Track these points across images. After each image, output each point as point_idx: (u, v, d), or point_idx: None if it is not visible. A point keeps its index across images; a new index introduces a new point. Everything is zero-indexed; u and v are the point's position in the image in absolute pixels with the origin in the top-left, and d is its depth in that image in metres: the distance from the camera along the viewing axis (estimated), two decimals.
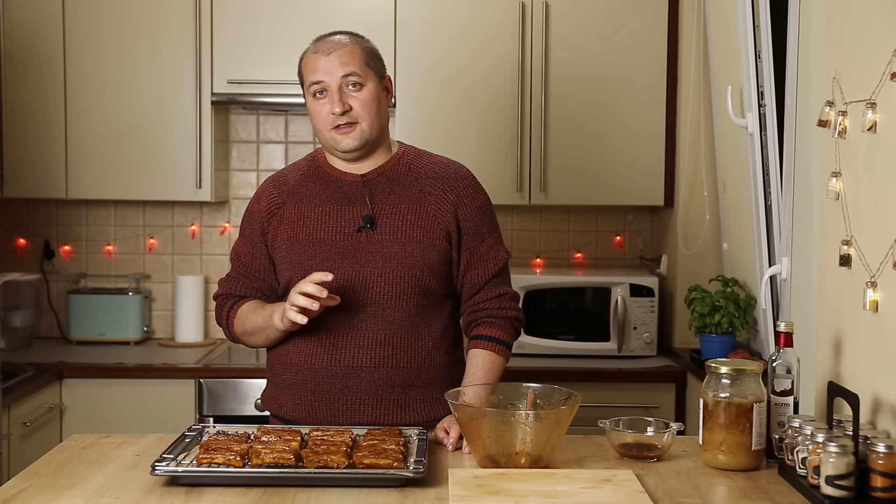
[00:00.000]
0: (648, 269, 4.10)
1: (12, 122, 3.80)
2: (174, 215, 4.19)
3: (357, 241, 2.33)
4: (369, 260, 2.32)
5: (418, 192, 2.37)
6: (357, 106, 2.32)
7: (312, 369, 2.33)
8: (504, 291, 2.42)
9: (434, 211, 2.35)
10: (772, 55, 2.88)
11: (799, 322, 2.26)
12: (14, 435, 3.20)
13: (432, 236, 2.34)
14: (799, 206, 2.61)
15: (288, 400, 2.37)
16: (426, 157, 2.45)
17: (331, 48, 2.33)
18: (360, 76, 2.32)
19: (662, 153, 3.87)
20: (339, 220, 2.35)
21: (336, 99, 2.31)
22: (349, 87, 2.32)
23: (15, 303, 3.90)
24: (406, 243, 2.33)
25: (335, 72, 2.31)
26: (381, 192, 2.37)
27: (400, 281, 2.32)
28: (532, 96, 3.83)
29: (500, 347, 2.38)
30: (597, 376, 3.61)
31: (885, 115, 1.90)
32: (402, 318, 2.33)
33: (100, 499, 1.83)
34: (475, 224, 2.39)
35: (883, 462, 1.74)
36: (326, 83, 2.32)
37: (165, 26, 3.80)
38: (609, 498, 1.81)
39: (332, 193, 2.38)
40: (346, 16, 3.80)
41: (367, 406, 2.31)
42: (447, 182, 2.39)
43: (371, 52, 2.38)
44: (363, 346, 2.31)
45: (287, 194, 2.41)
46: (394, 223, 2.34)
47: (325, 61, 2.32)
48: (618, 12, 3.82)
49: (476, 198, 2.41)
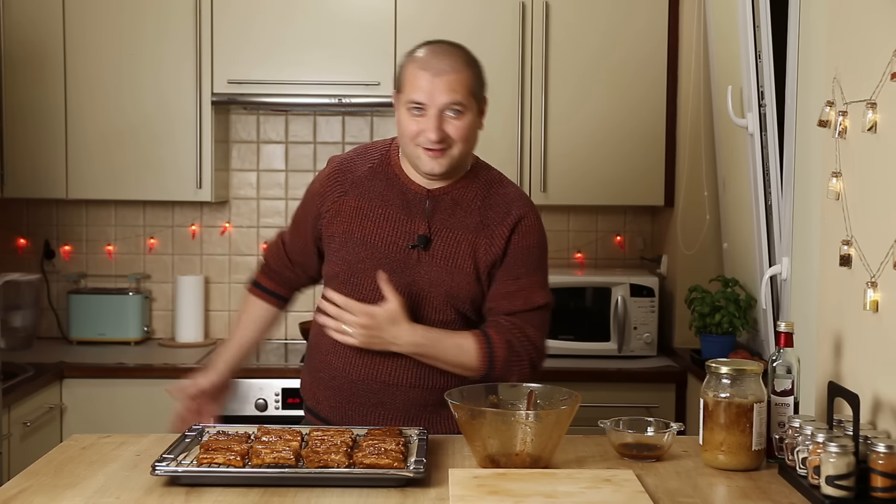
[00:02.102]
0: (649, 269, 4.10)
1: (12, 122, 3.80)
2: (174, 215, 4.19)
3: (408, 257, 2.29)
4: (417, 280, 2.28)
5: (478, 222, 2.30)
6: (453, 133, 2.21)
7: (349, 379, 2.33)
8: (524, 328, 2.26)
9: (487, 244, 2.29)
10: (772, 55, 2.88)
11: (799, 322, 2.26)
12: (14, 435, 3.20)
13: (479, 269, 2.29)
14: (799, 206, 2.61)
15: (325, 400, 2.38)
16: (497, 185, 2.35)
17: (441, 70, 2.20)
18: (463, 106, 2.21)
19: (662, 153, 3.87)
20: (395, 229, 2.30)
21: (433, 126, 2.19)
22: (449, 112, 2.20)
23: (15, 303, 3.90)
24: (455, 272, 2.28)
25: (439, 97, 2.19)
26: (441, 212, 2.30)
27: (443, 307, 2.29)
28: (532, 96, 3.83)
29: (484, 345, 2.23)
30: (597, 376, 3.62)
31: (886, 115, 1.90)
32: None
33: (100, 499, 1.83)
34: (515, 261, 2.29)
35: (883, 462, 1.74)
36: (426, 105, 2.20)
37: (166, 26, 3.80)
38: (609, 498, 1.81)
39: (395, 198, 2.32)
40: (346, 16, 3.80)
41: (398, 422, 2.30)
42: (507, 216, 2.30)
43: (479, 77, 2.27)
44: (401, 364, 2.29)
45: (351, 184, 2.35)
46: (447, 248, 2.29)
47: (432, 83, 2.19)
48: (618, 12, 3.83)
49: (529, 237, 2.31)
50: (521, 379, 2.23)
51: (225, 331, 4.19)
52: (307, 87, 3.82)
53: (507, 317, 2.29)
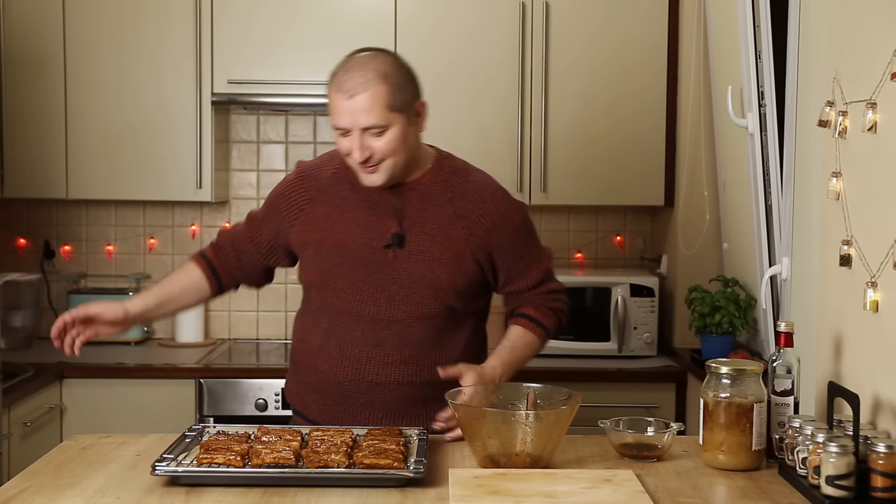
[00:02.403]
0: (649, 269, 4.09)
1: (12, 122, 3.80)
2: (174, 215, 4.19)
3: (384, 256, 2.30)
4: (395, 278, 2.30)
5: (451, 213, 2.32)
6: (379, 151, 2.21)
7: (337, 381, 2.34)
8: (550, 288, 2.44)
9: (466, 235, 2.31)
10: (772, 55, 2.88)
11: (799, 322, 2.26)
12: (14, 435, 3.20)
13: (461, 259, 2.31)
14: (799, 206, 2.61)
15: (313, 403, 2.39)
16: (462, 173, 2.37)
17: (352, 89, 2.18)
18: (381, 126, 2.19)
19: (662, 153, 3.87)
20: (367, 232, 2.31)
21: (357, 146, 2.20)
22: (371, 133, 2.20)
23: (15, 303, 3.90)
24: (433, 265, 2.30)
25: (356, 119, 2.18)
26: (412, 208, 2.31)
27: (426, 302, 2.31)
28: (532, 96, 3.83)
29: (539, 329, 2.39)
30: (597, 376, 3.61)
31: (886, 115, 1.90)
32: (427, 336, 2.33)
33: (100, 499, 1.83)
34: (510, 248, 2.36)
35: (883, 462, 1.74)
36: (348, 128, 2.20)
37: (166, 26, 3.80)
38: (609, 498, 1.81)
39: (362, 200, 2.32)
40: (346, 16, 3.80)
41: (389, 420, 2.32)
42: (481, 207, 2.33)
43: (398, 87, 2.21)
44: (387, 363, 2.31)
45: (316, 191, 2.37)
46: (422, 244, 2.30)
47: (346, 106, 2.19)
48: (618, 12, 3.82)
49: (510, 221, 2.35)
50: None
51: (225, 331, 4.19)
52: (307, 87, 3.81)
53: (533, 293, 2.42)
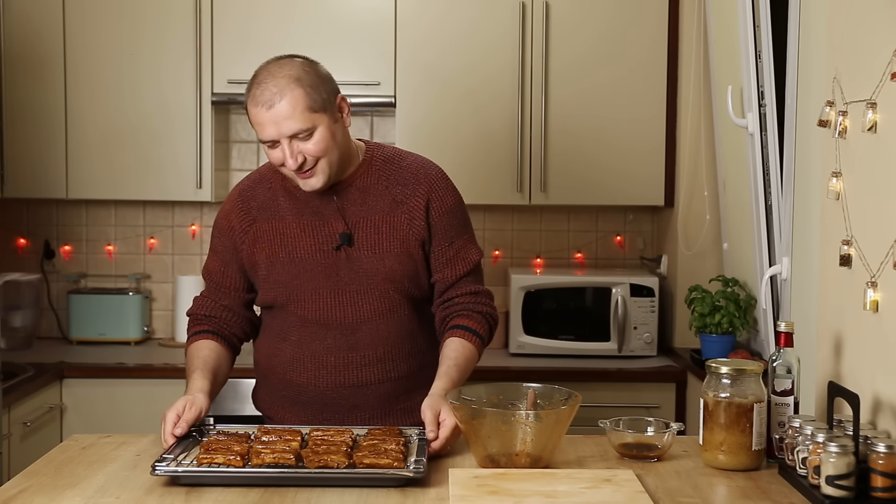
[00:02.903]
0: (649, 269, 4.10)
1: (12, 122, 3.80)
2: (174, 215, 4.19)
3: (337, 258, 2.31)
4: (353, 278, 2.31)
5: (390, 201, 2.32)
6: (311, 154, 2.20)
7: (318, 390, 2.34)
8: (477, 290, 2.39)
9: (407, 220, 2.32)
10: (772, 55, 2.88)
11: (799, 322, 2.26)
12: (14, 435, 3.20)
13: (409, 246, 2.32)
14: (799, 206, 2.61)
15: (295, 415, 2.37)
16: (395, 160, 2.37)
17: (269, 101, 2.16)
18: (307, 129, 2.18)
19: (662, 153, 3.87)
20: (315, 237, 2.31)
21: (288, 155, 2.18)
22: (299, 139, 2.18)
23: (15, 303, 3.90)
24: (385, 257, 2.31)
25: (280, 127, 2.16)
26: (353, 204, 2.32)
27: (386, 295, 2.32)
28: (532, 96, 3.83)
29: (473, 337, 2.34)
30: (597, 376, 3.61)
31: (886, 115, 1.90)
32: (397, 329, 2.34)
33: (100, 499, 1.83)
34: (444, 227, 2.35)
35: (883, 462, 1.74)
36: (276, 139, 2.18)
37: (166, 26, 3.80)
38: (609, 498, 1.81)
39: (303, 208, 2.32)
40: (346, 16, 3.80)
41: (376, 419, 2.34)
42: (417, 187, 2.33)
43: (312, 88, 2.19)
44: (364, 364, 2.32)
45: (257, 210, 2.35)
46: (370, 237, 2.31)
47: (268, 117, 2.16)
48: (618, 12, 3.82)
49: (445, 200, 2.36)
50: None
51: None
52: None
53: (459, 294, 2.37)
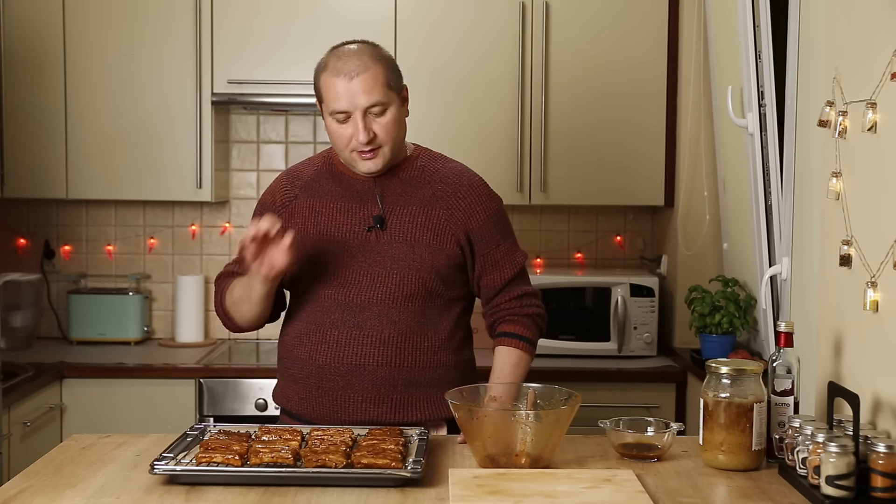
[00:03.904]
0: (648, 269, 4.09)
1: (12, 122, 3.80)
2: (174, 215, 4.19)
3: (367, 240, 2.34)
4: (378, 260, 2.33)
5: (430, 195, 2.37)
6: (381, 132, 2.28)
7: (316, 365, 2.35)
8: (524, 292, 2.43)
9: (445, 216, 2.35)
10: (772, 55, 2.88)
11: (799, 322, 2.26)
12: (14, 435, 3.20)
13: (442, 240, 2.34)
14: (799, 206, 2.61)
15: (294, 394, 2.40)
16: (441, 161, 2.44)
17: (352, 71, 2.25)
18: (384, 103, 2.27)
19: (663, 153, 3.87)
20: (349, 218, 2.36)
21: (361, 128, 2.25)
22: (372, 112, 2.27)
23: (15, 303, 3.90)
24: (415, 245, 2.33)
25: (358, 100, 2.25)
26: (392, 192, 2.37)
27: (407, 282, 2.33)
28: (532, 96, 3.83)
29: (523, 343, 2.40)
30: (597, 376, 3.62)
31: (886, 115, 1.90)
32: (408, 318, 2.34)
33: (100, 499, 1.83)
34: (487, 233, 2.39)
35: (883, 462, 1.74)
36: (349, 111, 2.26)
37: (166, 26, 3.80)
38: (609, 498, 1.81)
39: (345, 191, 2.38)
40: (346, 16, 3.80)
41: (368, 404, 2.32)
42: (459, 189, 2.38)
43: (390, 68, 2.32)
44: (366, 344, 2.32)
45: (300, 189, 2.43)
46: (403, 224, 2.34)
47: (347, 87, 2.25)
48: (618, 12, 3.83)
49: (488, 206, 2.40)
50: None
51: (225, 331, 4.18)
52: (307, 87, 3.75)
53: (506, 298, 2.42)
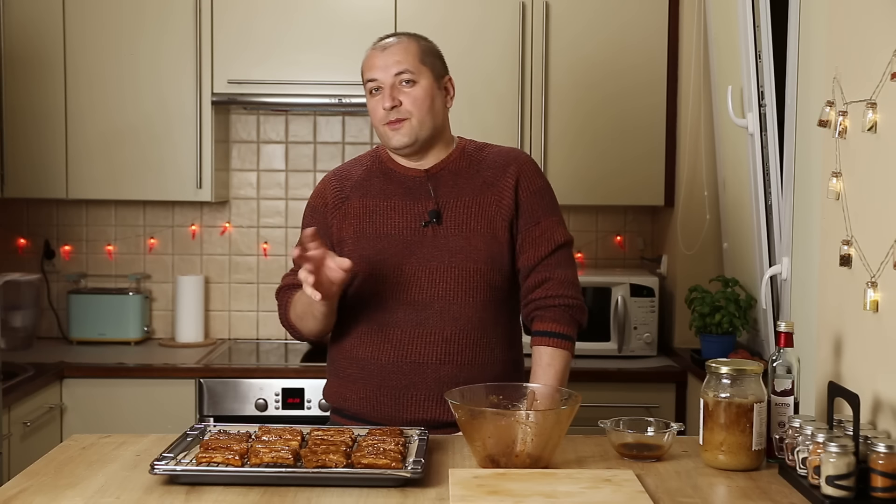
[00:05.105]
0: (649, 269, 4.10)
1: (12, 122, 3.80)
2: (174, 215, 4.19)
3: (424, 235, 2.35)
4: (436, 255, 2.34)
5: (481, 182, 2.39)
6: (407, 102, 2.33)
7: (379, 364, 2.35)
8: (548, 276, 2.37)
9: (496, 200, 2.37)
10: (772, 55, 2.88)
11: (799, 322, 2.26)
12: (14, 435, 3.20)
13: (495, 228, 2.36)
14: (799, 206, 2.61)
15: (352, 394, 2.39)
16: (487, 147, 2.47)
17: (387, 44, 2.37)
18: (412, 73, 2.34)
19: (663, 153, 3.87)
20: (405, 215, 2.37)
21: (387, 94, 2.33)
22: (402, 83, 2.34)
23: (15, 303, 3.90)
24: (471, 236, 2.35)
25: (389, 69, 2.33)
26: (444, 185, 2.38)
27: (466, 275, 2.34)
28: (532, 96, 3.83)
29: (561, 341, 2.35)
30: (597, 376, 3.61)
31: (886, 115, 1.90)
32: (469, 314, 2.34)
33: (100, 499, 1.83)
34: (531, 207, 2.39)
35: (883, 462, 1.74)
36: (381, 80, 2.34)
37: (166, 26, 3.80)
38: (609, 498, 1.81)
39: (397, 189, 2.40)
40: (346, 16, 3.80)
41: (430, 402, 2.33)
42: (507, 168, 2.40)
43: (429, 50, 2.40)
44: (429, 342, 2.33)
45: (351, 188, 2.43)
46: (459, 216, 2.36)
47: (381, 58, 2.35)
48: (618, 12, 3.83)
49: (534, 181, 2.41)
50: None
51: (225, 331, 4.20)
52: (307, 87, 3.82)
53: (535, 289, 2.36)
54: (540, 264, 2.38)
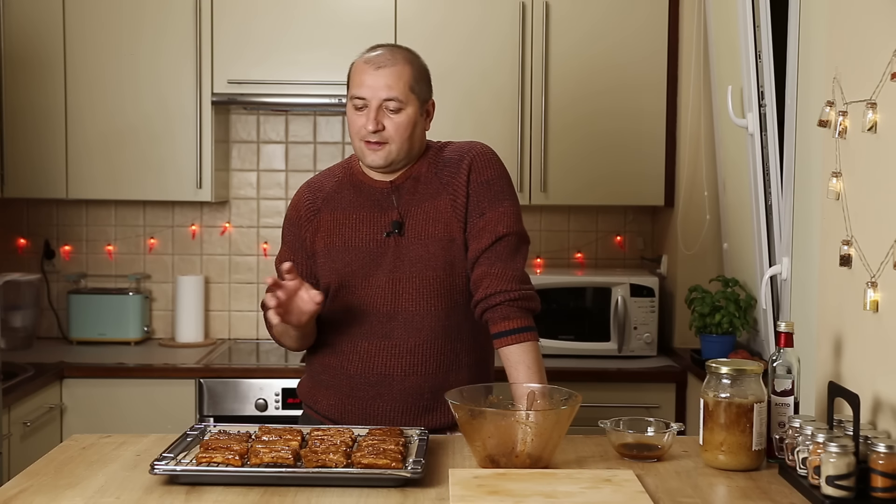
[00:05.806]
0: (649, 269, 4.09)
1: (12, 122, 3.80)
2: (174, 215, 4.19)
3: (387, 246, 2.35)
4: (398, 265, 2.34)
5: (437, 185, 2.37)
6: (390, 127, 2.31)
7: (347, 374, 2.38)
8: (486, 272, 2.29)
9: (451, 200, 2.35)
10: (772, 55, 2.88)
11: (799, 322, 2.26)
12: (14, 435, 3.20)
13: (451, 230, 2.34)
14: (799, 206, 2.61)
15: (324, 398, 2.42)
16: (448, 146, 2.44)
17: (381, 63, 2.31)
18: (400, 102, 2.30)
19: (663, 153, 3.87)
20: (370, 227, 2.37)
21: (371, 117, 2.30)
22: (388, 109, 2.31)
23: (15, 303, 3.90)
24: (429, 243, 2.34)
25: (378, 91, 2.30)
26: (407, 194, 2.38)
27: (425, 284, 2.33)
28: (532, 96, 3.83)
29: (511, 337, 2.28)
30: (597, 376, 3.61)
31: (886, 115, 1.90)
32: (432, 324, 2.34)
33: (100, 499, 1.83)
34: (477, 198, 2.34)
35: (883, 462, 1.74)
36: (368, 100, 2.31)
37: (166, 26, 3.80)
38: (609, 498, 1.81)
39: (365, 201, 2.39)
40: (346, 16, 3.80)
41: (396, 413, 2.35)
42: (461, 163, 2.37)
43: (419, 75, 2.35)
44: (394, 354, 2.34)
45: (322, 201, 2.43)
46: (418, 224, 2.35)
47: (372, 77, 2.30)
48: (618, 13, 3.83)
49: (483, 172, 2.36)
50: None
51: (225, 331, 4.19)
52: (307, 87, 3.82)
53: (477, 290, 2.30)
54: (480, 257, 2.32)
